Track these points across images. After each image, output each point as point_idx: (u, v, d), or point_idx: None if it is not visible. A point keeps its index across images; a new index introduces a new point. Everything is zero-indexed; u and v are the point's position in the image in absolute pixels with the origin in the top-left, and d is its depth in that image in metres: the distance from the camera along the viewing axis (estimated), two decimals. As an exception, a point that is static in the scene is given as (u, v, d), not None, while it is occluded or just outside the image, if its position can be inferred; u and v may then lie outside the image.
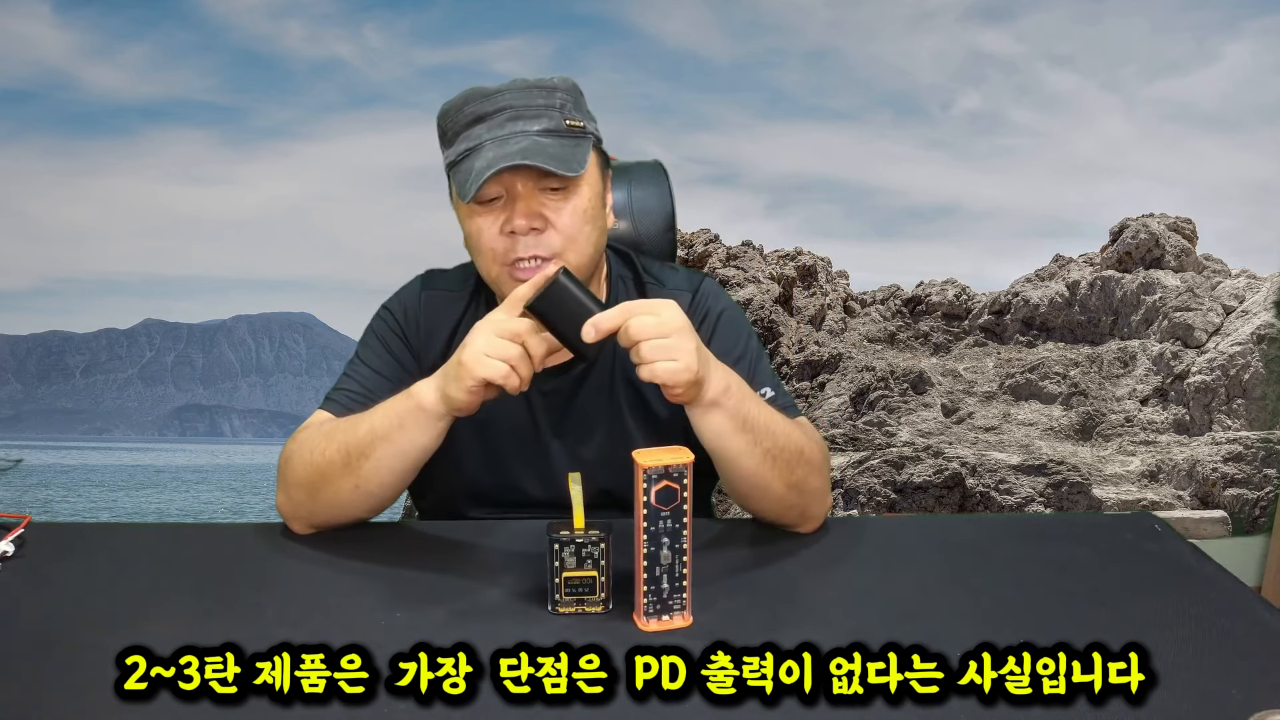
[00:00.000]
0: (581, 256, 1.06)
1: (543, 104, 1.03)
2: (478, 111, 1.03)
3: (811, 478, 1.04)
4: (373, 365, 1.14)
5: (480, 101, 1.03)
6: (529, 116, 1.02)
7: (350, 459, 1.00)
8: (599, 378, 1.16)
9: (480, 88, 1.04)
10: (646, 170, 1.45)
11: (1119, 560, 1.00)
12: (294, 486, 1.04)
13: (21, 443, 2.81)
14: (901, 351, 2.77)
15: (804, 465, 1.02)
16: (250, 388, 3.01)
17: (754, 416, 0.98)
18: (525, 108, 1.03)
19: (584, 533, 0.87)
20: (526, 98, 1.03)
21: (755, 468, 0.99)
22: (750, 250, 2.69)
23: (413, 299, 1.19)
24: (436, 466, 1.16)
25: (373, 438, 0.98)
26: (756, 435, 0.98)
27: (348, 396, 1.11)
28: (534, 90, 1.04)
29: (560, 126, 1.03)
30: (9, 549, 1.00)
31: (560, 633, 0.84)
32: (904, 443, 2.70)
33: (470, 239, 1.07)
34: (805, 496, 1.04)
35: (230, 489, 2.89)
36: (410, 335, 1.16)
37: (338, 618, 0.88)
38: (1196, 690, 0.74)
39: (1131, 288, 2.70)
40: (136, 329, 2.84)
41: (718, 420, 0.96)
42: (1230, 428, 2.68)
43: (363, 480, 1.00)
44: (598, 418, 1.16)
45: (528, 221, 1.02)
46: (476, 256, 1.08)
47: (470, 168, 1.01)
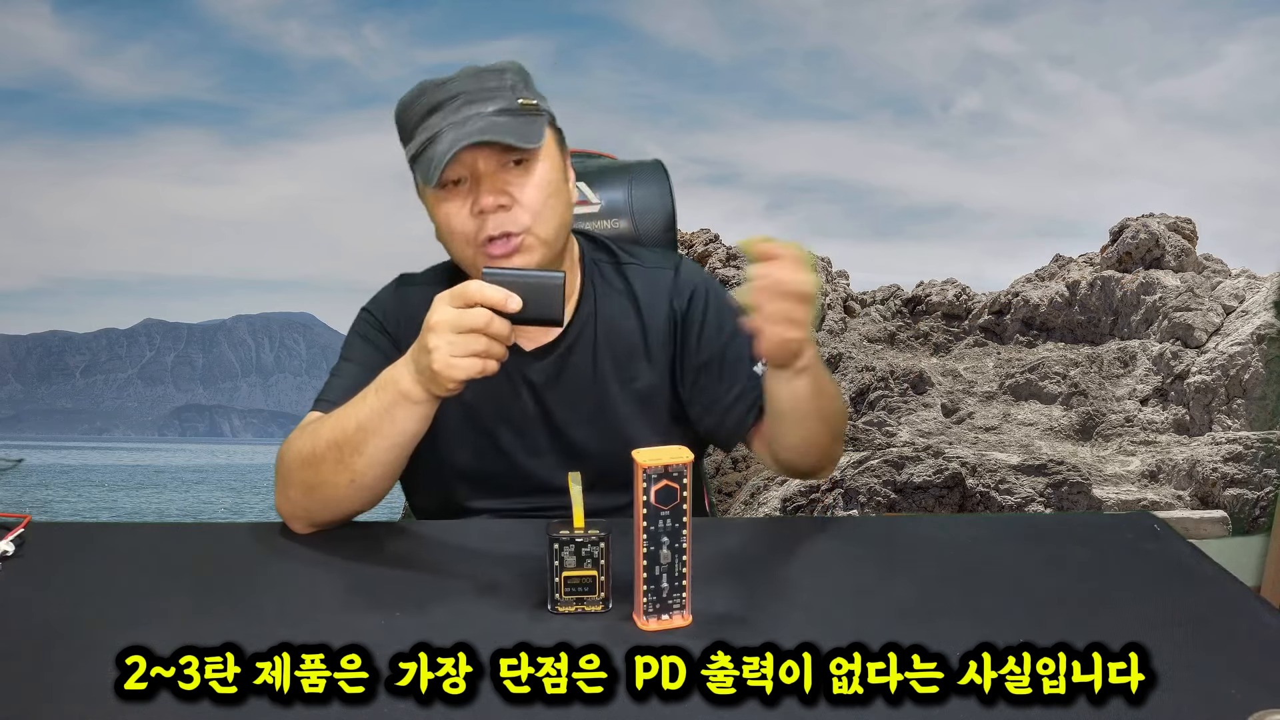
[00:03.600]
0: (548, 229, 1.08)
1: (494, 86, 1.06)
2: (431, 102, 1.06)
3: (843, 429, 1.13)
4: (360, 362, 1.16)
5: (433, 91, 1.06)
6: (482, 99, 1.05)
7: (343, 456, 1.00)
8: (583, 355, 1.18)
9: (431, 79, 1.07)
10: (647, 169, 1.45)
11: (1119, 560, 1.00)
12: (291, 487, 1.05)
13: (21, 443, 2.81)
14: (901, 351, 2.77)
15: (841, 417, 1.10)
16: (250, 388, 3.01)
17: (823, 379, 1.03)
18: (477, 91, 1.05)
19: (584, 532, 0.87)
20: (477, 82, 1.06)
21: (816, 427, 1.05)
22: (750, 250, 2.69)
23: (389, 297, 1.22)
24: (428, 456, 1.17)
25: (363, 433, 0.99)
26: (827, 397, 1.04)
27: (338, 396, 1.12)
28: (484, 74, 1.07)
29: (514, 105, 1.06)
30: (9, 549, 1.00)
31: (560, 632, 0.84)
32: (904, 443, 2.70)
33: (440, 226, 1.09)
34: (838, 445, 1.13)
35: (230, 489, 2.89)
36: (390, 330, 1.19)
37: (338, 618, 0.88)
38: (1196, 690, 0.74)
39: (1131, 288, 2.70)
40: (136, 329, 2.84)
41: (803, 383, 1.00)
42: (1230, 428, 2.68)
43: (358, 475, 1.01)
44: (585, 395, 1.18)
45: (494, 199, 1.04)
46: (449, 242, 1.10)
47: (432, 154, 1.04)
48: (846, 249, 2.71)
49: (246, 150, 2.50)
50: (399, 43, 2.43)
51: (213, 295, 2.65)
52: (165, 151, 2.48)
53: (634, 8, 2.43)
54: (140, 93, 2.44)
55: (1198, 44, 2.48)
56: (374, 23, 2.42)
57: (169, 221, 2.55)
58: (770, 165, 2.57)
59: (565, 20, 2.43)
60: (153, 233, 2.56)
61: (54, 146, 2.46)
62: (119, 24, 2.40)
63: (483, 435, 1.18)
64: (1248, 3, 2.45)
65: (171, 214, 2.54)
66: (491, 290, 0.89)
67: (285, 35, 2.43)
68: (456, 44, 2.41)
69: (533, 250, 1.08)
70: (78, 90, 2.43)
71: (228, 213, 2.55)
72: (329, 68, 2.44)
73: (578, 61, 2.44)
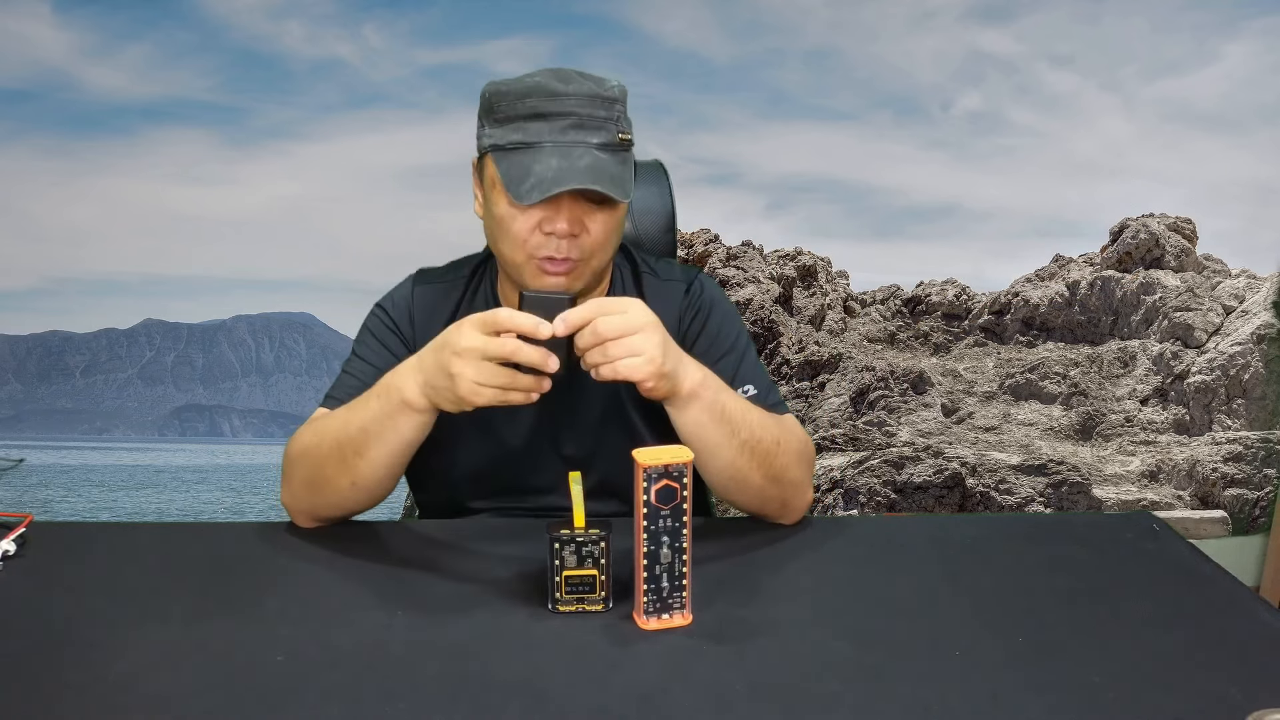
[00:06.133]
0: (603, 260, 1.10)
1: (604, 116, 1.04)
2: (539, 108, 1.02)
3: (791, 468, 1.06)
4: (370, 361, 1.16)
5: (544, 99, 1.02)
6: (590, 127, 1.03)
7: (345, 458, 1.01)
8: None
9: (543, 84, 1.03)
10: (647, 170, 1.45)
11: (1119, 560, 1.00)
12: (295, 482, 1.07)
13: (21, 443, 2.81)
14: (901, 351, 2.77)
15: (782, 455, 1.04)
16: (250, 388, 3.01)
17: (730, 408, 1.00)
18: (589, 118, 1.03)
19: (584, 531, 0.87)
20: (591, 107, 1.03)
21: (733, 459, 1.01)
22: (750, 250, 2.69)
23: (405, 294, 1.22)
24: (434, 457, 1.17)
25: (364, 436, 1.00)
26: (734, 426, 1.00)
27: (348, 394, 1.12)
28: (598, 101, 1.04)
29: (614, 140, 1.05)
30: (10, 548, 1.01)
31: (560, 631, 0.84)
32: (904, 443, 2.70)
33: (499, 222, 1.07)
34: (784, 488, 1.06)
35: (230, 489, 2.89)
36: (404, 329, 1.19)
37: (338, 617, 0.88)
38: (1196, 690, 0.74)
39: (1131, 288, 2.71)
40: (136, 329, 2.83)
41: (694, 413, 0.98)
42: (1230, 428, 2.68)
43: (359, 478, 1.03)
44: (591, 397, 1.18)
45: (570, 228, 1.04)
46: (503, 241, 1.08)
47: (528, 168, 1.01)
48: (846, 249, 2.71)
49: (246, 150, 2.50)
50: (399, 43, 2.43)
51: (213, 295, 2.65)
52: (165, 151, 2.47)
53: (634, 8, 2.43)
54: (140, 93, 2.44)
55: (1198, 44, 2.48)
56: (374, 23, 2.42)
57: (169, 221, 2.55)
58: (770, 165, 2.57)
59: (565, 20, 2.43)
60: (153, 233, 2.56)
61: (54, 146, 2.46)
62: (119, 24, 2.40)
63: (487, 436, 1.18)
64: (1248, 3, 2.45)
65: (171, 214, 2.54)
66: (523, 317, 0.88)
67: (285, 35, 2.43)
68: (456, 44, 2.41)
69: (582, 276, 1.08)
70: (78, 90, 2.43)
71: (228, 213, 2.55)
72: (329, 68, 2.44)
73: (577, 61, 2.43)
